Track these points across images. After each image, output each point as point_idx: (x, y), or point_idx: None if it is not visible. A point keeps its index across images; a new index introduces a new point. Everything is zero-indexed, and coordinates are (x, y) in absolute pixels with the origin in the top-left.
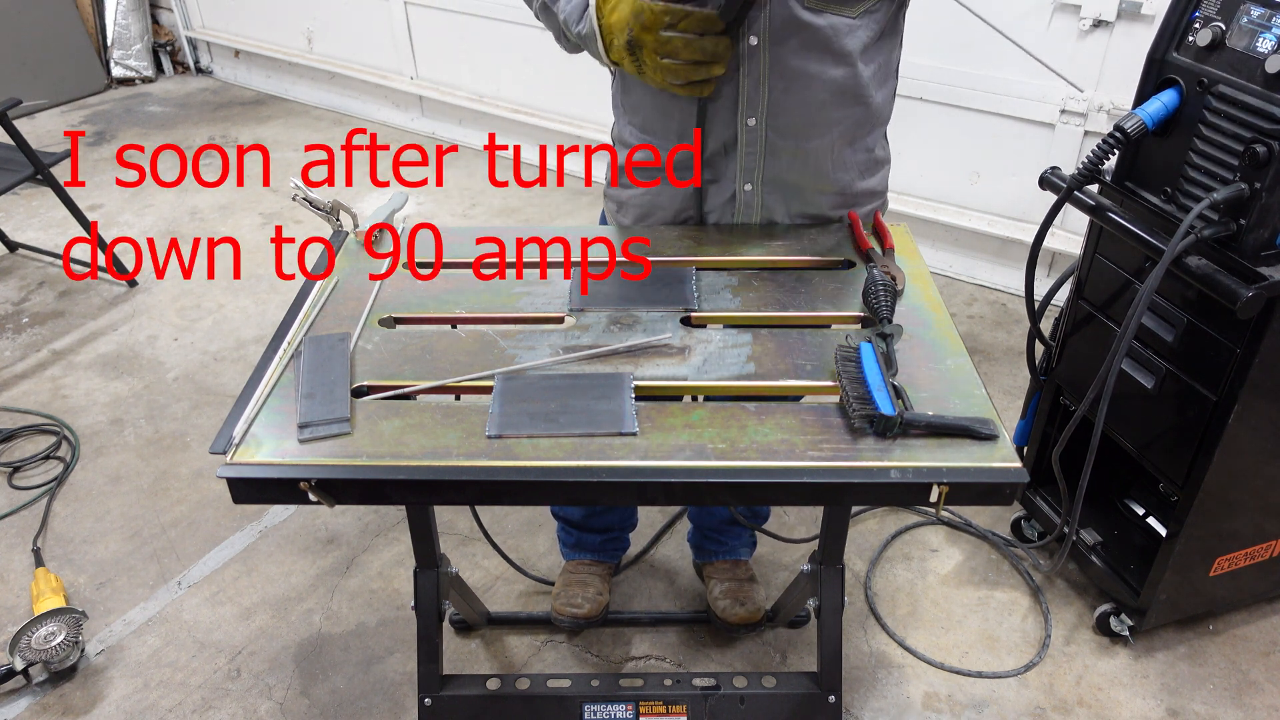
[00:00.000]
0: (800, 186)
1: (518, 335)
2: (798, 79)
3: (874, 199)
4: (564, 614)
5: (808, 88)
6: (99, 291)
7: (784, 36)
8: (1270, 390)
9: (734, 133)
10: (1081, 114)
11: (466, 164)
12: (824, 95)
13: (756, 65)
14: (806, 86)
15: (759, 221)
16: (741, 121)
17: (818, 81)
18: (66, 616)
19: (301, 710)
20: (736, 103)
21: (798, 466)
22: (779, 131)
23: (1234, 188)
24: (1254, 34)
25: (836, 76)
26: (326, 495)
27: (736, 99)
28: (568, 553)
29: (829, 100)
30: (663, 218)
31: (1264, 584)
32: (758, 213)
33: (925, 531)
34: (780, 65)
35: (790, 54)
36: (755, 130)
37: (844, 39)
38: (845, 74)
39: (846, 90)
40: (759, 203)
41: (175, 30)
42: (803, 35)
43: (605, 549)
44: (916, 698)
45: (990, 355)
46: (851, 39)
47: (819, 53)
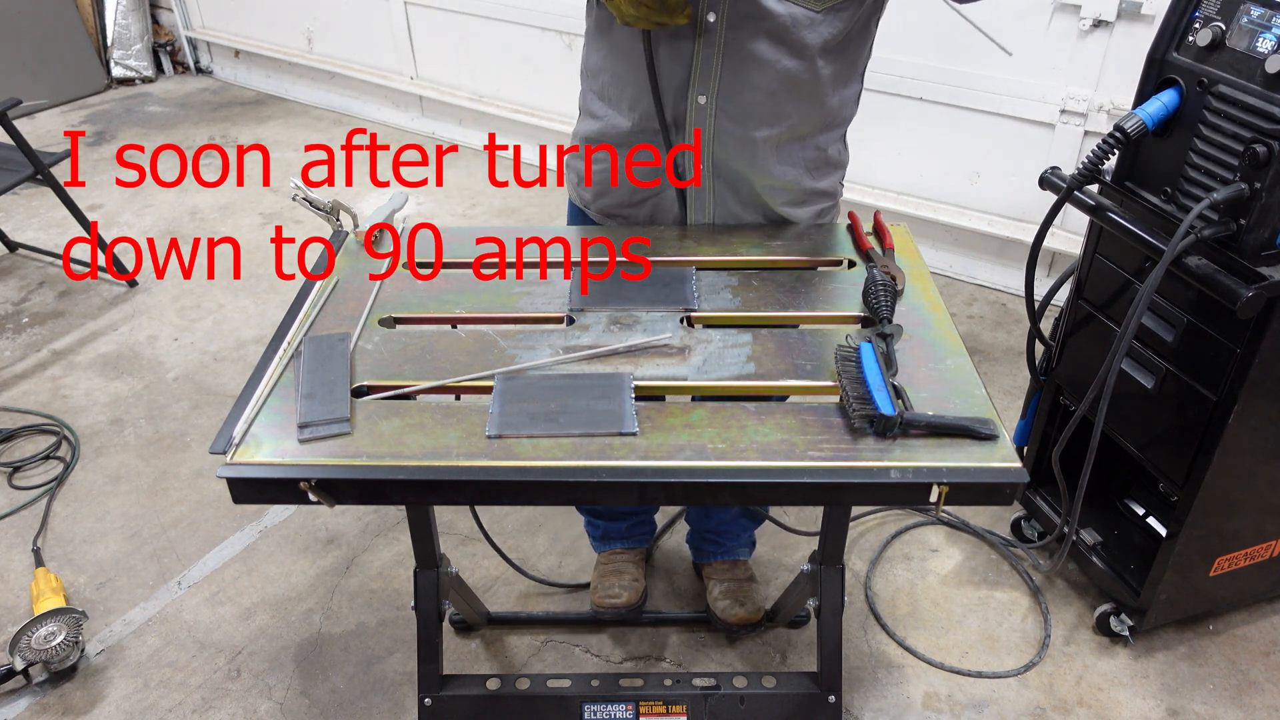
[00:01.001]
0: (746, 177)
1: (518, 335)
2: (749, 63)
3: (823, 200)
4: (604, 606)
5: (759, 73)
6: (99, 291)
7: (742, 19)
8: (1270, 390)
9: (685, 109)
10: (1081, 114)
11: (466, 164)
12: (775, 85)
13: (712, 43)
14: (758, 72)
15: (712, 209)
16: (692, 98)
17: (770, 70)
18: (66, 616)
19: (301, 710)
20: (689, 79)
21: (798, 466)
22: (728, 115)
23: (1234, 188)
24: (1254, 34)
25: (790, 68)
26: (326, 495)
27: (689, 74)
28: (598, 545)
29: (780, 91)
30: (621, 195)
31: (1264, 584)
32: (709, 198)
33: (925, 531)
34: (735, 47)
35: (747, 38)
36: (705, 109)
37: (803, 31)
38: (800, 67)
39: (800, 84)
40: (710, 186)
41: (175, 30)
42: (761, 21)
43: (633, 535)
44: (916, 698)
45: (990, 355)
46: (811, 33)
47: (775, 41)
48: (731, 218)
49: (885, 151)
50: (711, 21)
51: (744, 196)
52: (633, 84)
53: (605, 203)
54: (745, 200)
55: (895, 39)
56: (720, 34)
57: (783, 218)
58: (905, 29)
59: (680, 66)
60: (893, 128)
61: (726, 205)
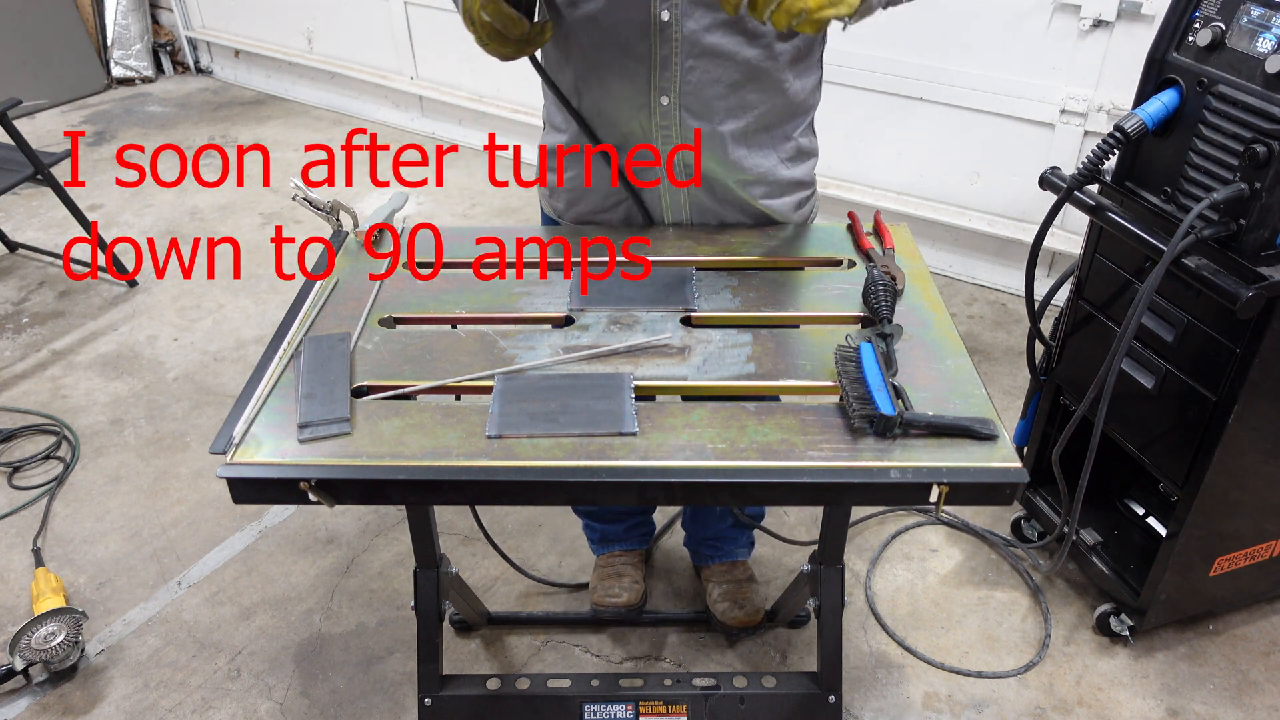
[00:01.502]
0: (718, 174)
1: (518, 335)
2: (708, 55)
3: (800, 189)
4: (605, 604)
5: (720, 65)
6: (99, 291)
7: (695, 10)
8: (1270, 390)
9: (648, 112)
10: (1081, 114)
11: (466, 164)
12: (737, 75)
13: (668, 40)
14: (718, 64)
15: (689, 210)
16: (654, 100)
17: (730, 61)
18: (66, 616)
19: (301, 710)
20: (649, 81)
21: (798, 466)
22: (693, 112)
23: (1234, 188)
24: (1254, 34)
25: (750, 57)
26: (326, 495)
27: (649, 76)
28: (596, 548)
29: (742, 81)
30: (594, 201)
31: (1264, 584)
32: (684, 198)
33: (925, 531)
34: (692, 42)
35: (703, 31)
36: (670, 109)
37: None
38: (759, 55)
39: (761, 73)
40: (684, 199)
41: (175, 30)
42: (715, 12)
43: (631, 537)
44: (916, 698)
45: (990, 355)
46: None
47: (731, 31)
48: (712, 216)
49: (885, 151)
50: (666, 20)
51: (719, 194)
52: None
53: (579, 210)
54: (721, 198)
55: (895, 39)
56: (676, 30)
57: (761, 212)
58: (905, 29)
59: (640, 68)
60: (893, 128)
61: (702, 204)
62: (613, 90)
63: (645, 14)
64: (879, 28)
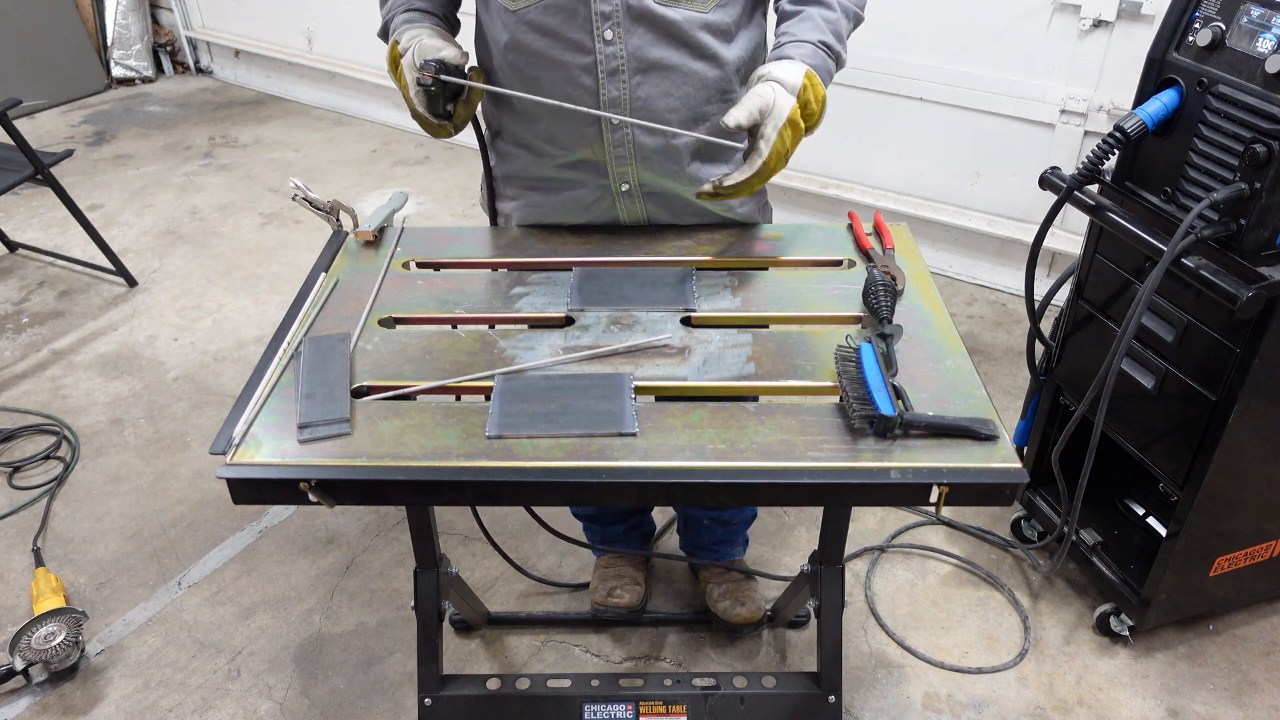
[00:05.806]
0: (675, 190)
1: (518, 335)
2: (655, 70)
3: (760, 194)
4: (606, 604)
5: (668, 79)
6: (99, 291)
7: (637, 28)
8: (1270, 390)
9: (598, 130)
10: (1081, 114)
11: (466, 164)
12: (687, 88)
13: (614, 59)
14: (666, 78)
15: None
16: (604, 122)
17: (677, 74)
18: (66, 616)
19: (301, 710)
20: (599, 103)
21: (798, 467)
22: (646, 130)
23: (1234, 188)
24: (1254, 34)
25: (698, 69)
26: (326, 496)
27: (597, 93)
28: (596, 550)
29: (693, 94)
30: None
31: (1264, 584)
32: (643, 213)
33: (925, 531)
34: (638, 58)
35: (647, 46)
36: (621, 128)
37: (698, 31)
38: (705, 66)
39: (710, 83)
40: (640, 206)
41: (175, 30)
42: (656, 27)
43: (630, 538)
44: (916, 698)
45: (990, 355)
46: (706, 32)
47: (676, 45)
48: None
49: (885, 151)
50: (610, 39)
51: (677, 209)
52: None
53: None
54: (679, 211)
55: (895, 39)
56: (621, 48)
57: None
58: (905, 29)
59: (587, 96)
60: (893, 128)
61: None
62: (562, 114)
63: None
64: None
